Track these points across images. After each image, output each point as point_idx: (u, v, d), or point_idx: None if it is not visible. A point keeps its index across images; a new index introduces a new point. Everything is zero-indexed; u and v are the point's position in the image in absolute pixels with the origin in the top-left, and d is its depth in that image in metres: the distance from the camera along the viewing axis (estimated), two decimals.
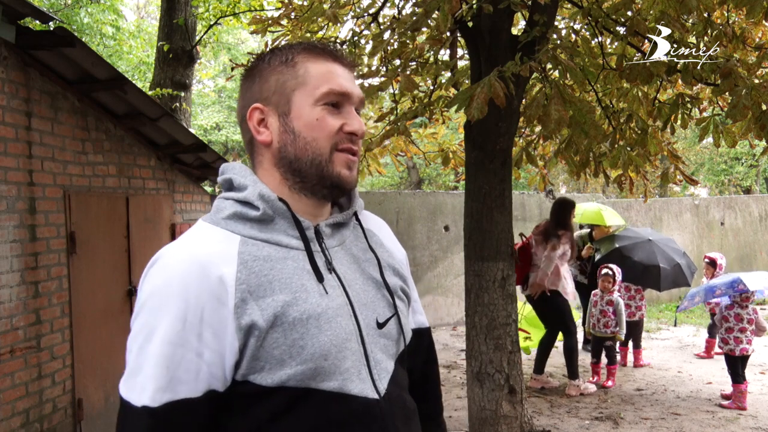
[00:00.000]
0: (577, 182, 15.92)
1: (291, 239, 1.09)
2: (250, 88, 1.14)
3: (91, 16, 12.27)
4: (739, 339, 4.99)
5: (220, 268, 1.01)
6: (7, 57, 3.63)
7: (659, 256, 6.20)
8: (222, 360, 1.00)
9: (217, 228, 1.08)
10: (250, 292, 1.01)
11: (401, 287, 1.24)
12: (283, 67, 1.11)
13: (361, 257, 1.19)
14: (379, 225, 1.32)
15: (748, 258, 11.60)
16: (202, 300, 0.99)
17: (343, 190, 1.13)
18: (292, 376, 1.01)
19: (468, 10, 3.74)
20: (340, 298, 1.10)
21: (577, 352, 5.61)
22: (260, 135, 1.12)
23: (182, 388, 0.98)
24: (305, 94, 1.10)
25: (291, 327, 1.02)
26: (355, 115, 1.13)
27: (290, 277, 1.05)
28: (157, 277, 1.02)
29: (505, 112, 3.89)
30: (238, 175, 1.12)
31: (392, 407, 1.11)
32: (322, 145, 1.09)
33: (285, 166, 1.11)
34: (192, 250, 1.03)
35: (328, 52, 1.13)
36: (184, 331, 0.98)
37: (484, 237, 4.15)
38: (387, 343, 1.15)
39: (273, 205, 1.08)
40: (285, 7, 4.64)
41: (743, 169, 19.44)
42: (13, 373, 3.64)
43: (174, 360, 0.98)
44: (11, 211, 3.65)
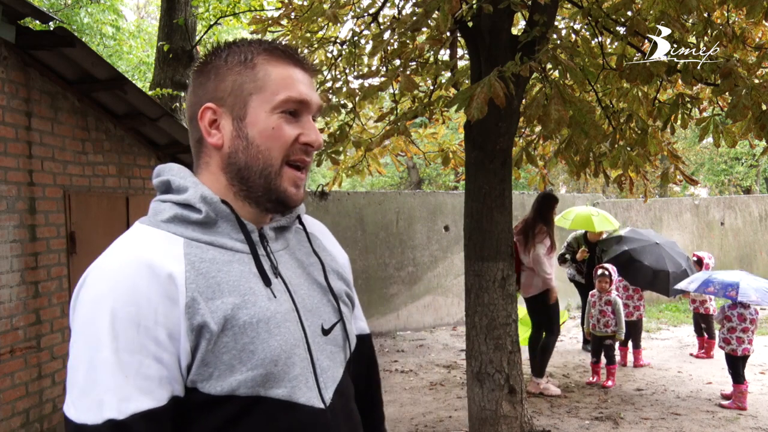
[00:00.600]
0: (577, 182, 15.93)
1: (235, 242, 1.05)
2: (204, 85, 1.07)
3: (91, 16, 12.28)
4: (742, 339, 4.99)
5: (168, 267, 0.96)
6: (7, 57, 3.63)
7: (668, 260, 6.18)
8: (179, 363, 0.95)
9: (158, 230, 1.02)
10: (200, 293, 0.96)
11: (346, 292, 1.21)
12: (241, 68, 1.05)
13: (306, 261, 1.16)
14: (321, 229, 1.29)
15: (748, 258, 11.61)
16: (154, 301, 0.93)
17: (287, 207, 1.09)
18: (242, 382, 0.97)
19: (468, 10, 3.74)
20: (287, 303, 1.06)
21: (551, 354, 5.61)
22: (211, 137, 1.06)
23: (146, 398, 0.92)
24: (263, 100, 1.04)
25: (241, 331, 0.98)
26: (313, 126, 1.08)
27: (238, 280, 1.01)
28: (99, 285, 0.95)
29: (505, 112, 3.89)
30: (177, 177, 1.07)
31: (337, 417, 1.08)
32: (274, 155, 1.04)
33: (233, 172, 1.06)
34: (134, 252, 0.97)
35: (289, 55, 1.07)
36: (139, 336, 0.92)
37: (484, 237, 4.15)
38: (333, 350, 1.12)
39: (216, 207, 1.04)
40: (285, 7, 4.64)
41: (743, 169, 19.44)
42: (13, 373, 3.64)
43: (132, 368, 0.91)
44: (11, 211, 3.65)
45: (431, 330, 8.55)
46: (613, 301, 5.74)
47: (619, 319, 5.72)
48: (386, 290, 8.28)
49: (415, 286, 8.55)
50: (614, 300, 5.75)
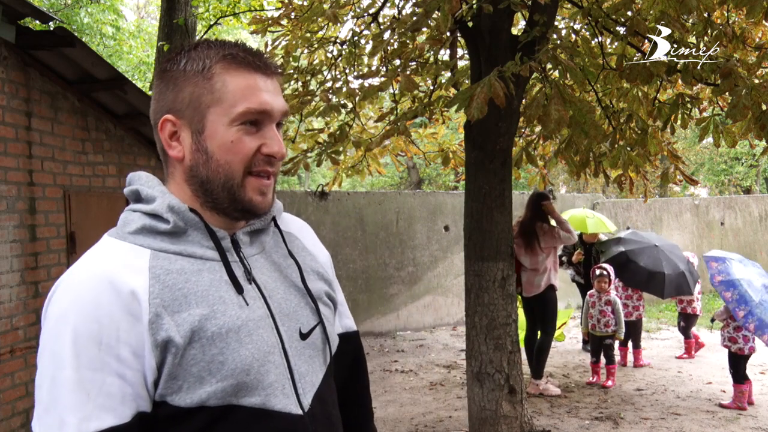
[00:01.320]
0: (577, 182, 15.93)
1: (206, 250, 1.03)
2: (164, 95, 1.05)
3: (91, 16, 12.28)
4: (748, 338, 5.00)
5: (130, 283, 0.94)
6: (7, 57, 3.63)
7: (664, 262, 6.20)
8: (144, 379, 0.94)
9: (124, 243, 1.01)
10: (164, 307, 0.95)
11: (326, 292, 1.18)
12: (198, 78, 1.02)
13: (282, 264, 1.14)
14: (300, 227, 1.26)
15: (747, 258, 11.60)
16: (116, 318, 0.92)
17: (255, 215, 1.07)
18: (212, 394, 0.95)
19: (468, 10, 3.75)
20: (261, 309, 1.04)
21: (548, 354, 5.60)
22: (172, 150, 1.04)
23: (108, 416, 0.90)
24: (220, 113, 1.01)
25: (210, 342, 0.96)
26: (275, 135, 1.04)
27: (207, 290, 0.99)
28: (62, 300, 0.95)
29: (505, 112, 3.89)
30: (146, 186, 1.06)
31: (316, 423, 1.07)
32: (235, 168, 1.02)
33: (196, 184, 1.04)
34: (98, 267, 0.96)
35: (249, 62, 1.03)
36: (101, 353, 0.91)
37: (484, 237, 4.15)
38: (312, 354, 1.10)
39: (184, 216, 1.02)
40: (285, 7, 4.64)
41: (743, 169, 19.44)
42: (13, 373, 3.64)
43: (94, 386, 0.90)
44: (11, 211, 3.65)
45: (431, 330, 8.55)
46: (612, 301, 5.74)
47: (619, 318, 5.73)
48: (386, 290, 8.28)
49: (415, 286, 8.55)
50: (614, 300, 5.75)
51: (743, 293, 4.78)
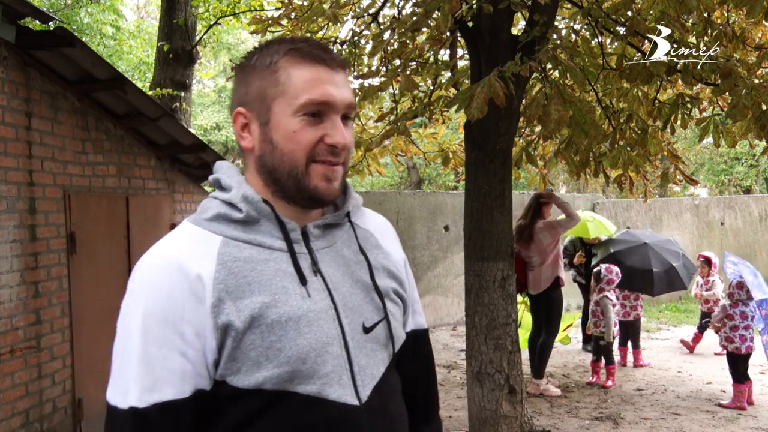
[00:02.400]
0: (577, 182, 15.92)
1: (275, 240, 1.07)
2: (237, 90, 1.11)
3: (91, 16, 12.27)
4: (744, 337, 5.00)
5: (197, 267, 1.00)
6: (7, 57, 3.63)
7: (653, 260, 6.21)
8: (204, 358, 0.99)
9: (198, 228, 1.06)
10: (227, 292, 1.00)
11: (394, 289, 1.19)
12: (265, 72, 1.07)
13: (352, 259, 1.15)
14: (378, 224, 1.27)
15: (748, 258, 11.58)
16: (182, 299, 0.98)
17: (321, 203, 1.10)
18: (268, 378, 1.00)
19: (468, 10, 3.74)
20: (323, 301, 1.07)
21: (549, 354, 5.61)
22: (243, 140, 1.10)
23: (168, 389, 0.97)
24: (284, 104, 1.05)
25: (268, 329, 1.00)
26: (339, 126, 1.06)
27: (271, 279, 1.03)
28: (138, 278, 1.02)
29: (505, 112, 3.89)
30: (225, 176, 1.12)
31: (373, 415, 1.07)
32: (298, 157, 1.05)
33: (265, 174, 1.09)
34: (170, 251, 1.03)
35: (313, 55, 1.06)
36: (166, 331, 0.97)
37: (484, 237, 4.15)
38: (375, 348, 1.11)
39: (257, 206, 1.07)
40: (285, 7, 4.64)
41: (743, 169, 19.44)
42: (13, 373, 3.64)
43: (158, 360, 0.97)
44: (11, 211, 3.65)
45: (431, 330, 8.55)
46: (599, 302, 5.78)
47: (607, 319, 5.74)
48: None
49: (415, 286, 8.54)
50: (601, 300, 5.78)
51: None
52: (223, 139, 20.35)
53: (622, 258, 6.25)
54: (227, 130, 20.38)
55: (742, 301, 5.04)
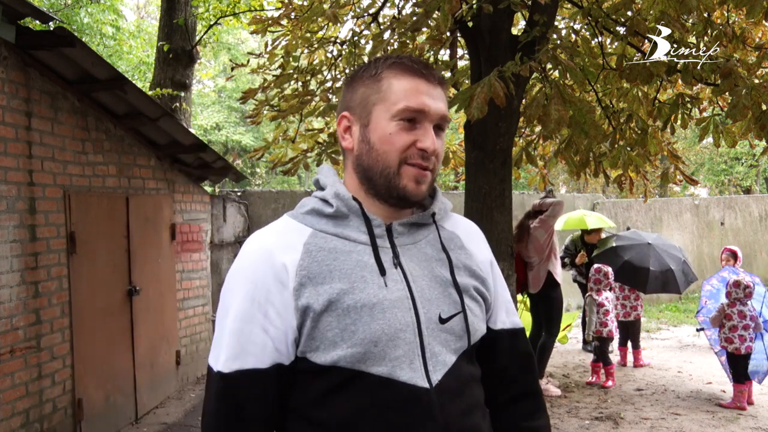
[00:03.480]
0: (577, 182, 15.93)
1: (361, 234, 1.18)
2: (344, 97, 1.24)
3: (91, 16, 12.27)
4: (744, 337, 4.99)
5: (285, 256, 1.14)
6: (7, 57, 3.63)
7: (652, 259, 6.21)
8: (285, 337, 1.12)
9: (294, 221, 1.21)
10: (309, 278, 1.12)
11: (475, 287, 1.26)
12: (370, 81, 1.19)
13: (434, 257, 1.24)
14: (467, 229, 1.35)
15: (748, 258, 11.60)
16: (268, 283, 1.12)
17: (409, 202, 1.20)
18: (342, 357, 1.10)
19: (468, 10, 3.74)
20: (400, 291, 1.16)
21: (549, 354, 5.61)
22: (344, 141, 1.23)
23: (250, 359, 1.11)
24: (384, 109, 1.17)
25: (344, 313, 1.11)
26: (430, 133, 1.17)
27: (352, 269, 1.14)
28: (237, 263, 1.17)
29: (505, 112, 3.89)
30: (323, 176, 1.25)
31: (444, 397, 1.14)
32: (391, 158, 1.16)
33: (361, 172, 1.20)
34: (264, 240, 1.17)
35: (415, 69, 1.18)
36: (253, 309, 1.12)
37: None
38: (448, 338, 1.18)
39: (347, 203, 1.18)
40: (285, 7, 4.63)
41: (743, 169, 19.44)
42: (13, 373, 3.64)
43: (244, 334, 1.12)
44: (11, 211, 3.65)
45: None
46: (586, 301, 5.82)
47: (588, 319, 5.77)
48: None
49: None
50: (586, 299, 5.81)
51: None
52: (223, 139, 20.35)
53: (621, 252, 6.26)
54: (227, 130, 20.38)
55: (740, 300, 5.04)
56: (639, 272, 6.17)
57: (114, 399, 4.57)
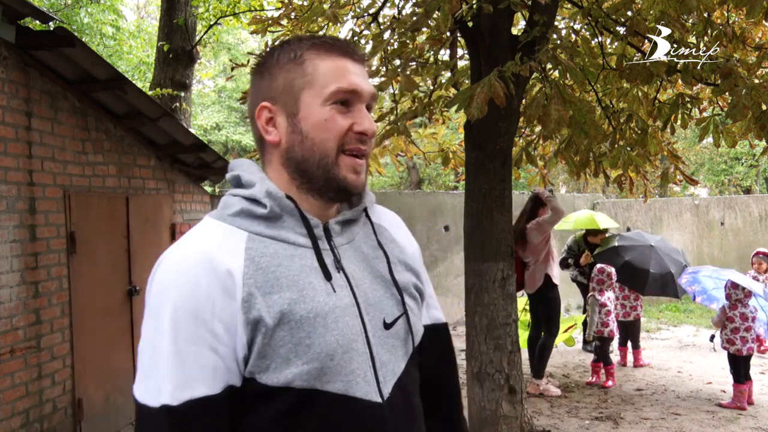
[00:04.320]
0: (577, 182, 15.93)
1: (299, 237, 1.08)
2: (260, 86, 1.12)
3: (91, 16, 12.27)
4: (745, 338, 5.00)
5: (227, 262, 1.00)
6: (7, 57, 3.63)
7: (653, 261, 6.22)
8: (235, 354, 0.99)
9: (223, 224, 1.07)
10: (257, 288, 1.00)
11: (413, 284, 1.20)
12: (291, 65, 1.09)
13: (371, 254, 1.17)
14: (391, 219, 1.29)
15: (748, 258, 11.56)
16: (212, 294, 0.98)
17: (349, 194, 1.12)
18: (297, 375, 1.00)
19: (468, 10, 3.74)
20: (347, 297, 1.08)
21: (549, 354, 5.61)
22: (268, 135, 1.10)
23: (200, 386, 0.97)
24: (313, 94, 1.07)
25: (298, 325, 1.00)
26: (366, 114, 1.10)
27: (297, 275, 1.03)
28: (165, 275, 1.01)
29: (505, 112, 3.89)
30: (246, 172, 1.12)
31: (395, 411, 1.09)
32: (329, 146, 1.07)
33: (292, 166, 1.10)
34: (198, 246, 1.03)
35: (338, 47, 1.10)
36: (197, 327, 0.97)
37: (484, 237, 4.15)
38: (395, 344, 1.13)
39: (280, 202, 1.07)
40: (285, 7, 4.63)
41: (743, 169, 19.44)
42: (13, 373, 3.64)
43: (189, 357, 0.97)
44: (11, 211, 3.65)
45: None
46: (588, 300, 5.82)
47: (590, 319, 5.77)
48: None
49: None
50: (588, 299, 5.81)
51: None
52: (223, 139, 20.35)
53: (622, 252, 6.26)
54: (227, 130, 20.37)
55: (741, 302, 5.05)
56: (638, 273, 6.18)
57: (114, 399, 4.57)
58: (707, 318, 8.84)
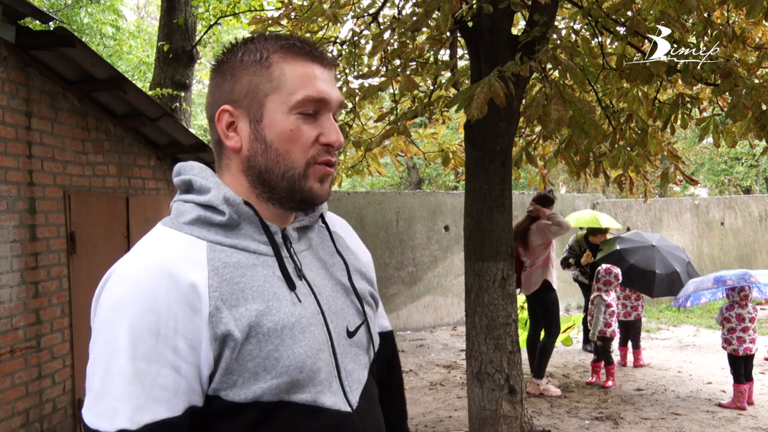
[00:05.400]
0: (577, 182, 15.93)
1: (259, 245, 1.02)
2: (221, 86, 1.05)
3: (91, 16, 12.28)
4: (742, 339, 5.00)
5: (190, 275, 0.94)
6: (7, 57, 3.63)
7: (657, 262, 6.22)
8: (199, 372, 0.93)
9: (180, 233, 1.00)
10: (223, 301, 0.94)
11: (369, 292, 1.18)
12: (256, 68, 1.01)
13: (329, 261, 1.14)
14: (343, 226, 1.26)
15: (748, 258, 11.60)
16: (174, 310, 0.91)
17: (312, 204, 1.07)
18: (266, 390, 0.95)
19: (468, 10, 3.75)
20: (312, 306, 1.04)
21: (550, 355, 5.61)
22: (229, 140, 1.04)
23: (161, 408, 0.90)
24: (279, 101, 1.00)
25: (265, 338, 0.95)
26: (333, 125, 1.04)
27: (262, 285, 0.99)
28: (119, 289, 0.93)
29: (505, 112, 3.89)
30: (199, 177, 1.05)
31: (364, 420, 1.07)
32: (296, 158, 1.01)
33: (253, 175, 1.03)
34: (156, 257, 0.95)
35: (307, 51, 1.03)
36: (158, 344, 0.90)
37: (484, 237, 4.15)
38: (358, 352, 1.10)
39: (239, 209, 1.01)
40: (285, 7, 4.64)
41: (743, 169, 19.44)
42: (13, 373, 3.64)
43: (149, 377, 0.89)
44: (11, 211, 3.65)
45: (431, 330, 8.55)
46: (593, 301, 5.81)
47: (595, 319, 5.75)
48: (386, 290, 8.29)
49: (415, 286, 8.55)
50: (594, 299, 5.80)
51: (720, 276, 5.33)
52: None
53: (626, 255, 6.25)
54: None
55: (738, 303, 5.06)
56: (645, 276, 6.16)
57: None
58: (707, 318, 8.84)
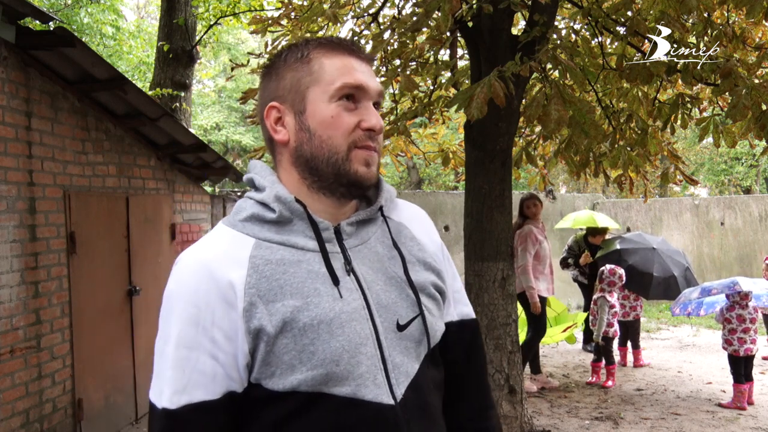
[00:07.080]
0: (577, 182, 15.93)
1: (308, 241, 1.07)
2: (268, 87, 1.13)
3: (91, 16, 12.27)
4: (743, 339, 5.00)
5: (228, 273, 1.02)
6: (7, 57, 3.63)
7: (656, 264, 6.22)
8: (236, 361, 1.02)
9: (232, 230, 1.08)
10: (259, 296, 1.01)
11: (432, 282, 1.17)
12: (298, 64, 1.09)
13: (386, 255, 1.14)
14: (411, 215, 1.25)
15: (748, 258, 11.60)
16: (212, 304, 1.01)
17: (361, 187, 1.10)
18: (303, 381, 1.01)
19: (468, 10, 3.75)
20: (356, 301, 1.06)
21: (531, 351, 5.58)
22: (277, 134, 1.11)
23: (198, 391, 1.00)
24: (320, 91, 1.07)
25: (301, 333, 1.01)
26: (373, 111, 1.09)
27: (303, 282, 1.03)
28: (172, 281, 1.05)
29: (505, 112, 3.89)
30: (259, 175, 1.12)
31: (409, 413, 1.08)
32: (338, 143, 1.07)
33: (302, 164, 1.09)
34: (202, 255, 1.04)
35: (344, 45, 1.10)
36: (197, 334, 1.00)
37: (484, 237, 4.15)
38: (408, 345, 1.11)
39: (290, 206, 1.07)
40: (285, 7, 4.64)
41: (743, 169, 19.44)
42: (13, 373, 3.64)
43: (189, 363, 1.00)
44: (11, 211, 3.65)
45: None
46: (596, 301, 5.80)
47: (599, 319, 5.74)
48: None
49: None
50: (598, 300, 5.79)
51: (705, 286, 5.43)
52: (223, 139, 20.35)
53: (626, 256, 6.25)
54: (227, 130, 20.37)
55: (739, 304, 5.06)
56: (642, 277, 6.17)
57: (114, 399, 4.57)
58: (707, 318, 8.84)
